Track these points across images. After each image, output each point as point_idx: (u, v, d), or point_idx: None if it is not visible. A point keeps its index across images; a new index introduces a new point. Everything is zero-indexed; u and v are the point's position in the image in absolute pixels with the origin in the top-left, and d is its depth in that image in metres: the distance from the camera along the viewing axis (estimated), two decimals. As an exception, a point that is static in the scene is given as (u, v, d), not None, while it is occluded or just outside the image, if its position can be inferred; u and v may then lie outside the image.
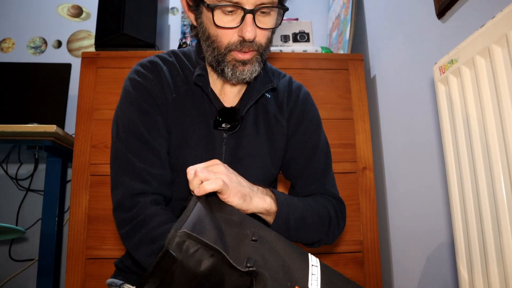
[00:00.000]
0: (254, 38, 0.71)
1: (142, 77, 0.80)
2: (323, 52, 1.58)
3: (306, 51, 1.56)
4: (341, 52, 1.64)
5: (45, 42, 2.04)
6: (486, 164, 0.66)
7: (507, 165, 0.60)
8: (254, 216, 0.71)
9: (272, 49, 1.56)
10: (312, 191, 0.87)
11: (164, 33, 1.83)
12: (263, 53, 0.76)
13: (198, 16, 0.76)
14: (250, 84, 0.84)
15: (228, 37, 0.72)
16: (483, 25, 0.66)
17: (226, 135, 0.81)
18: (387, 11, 1.44)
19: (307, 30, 1.63)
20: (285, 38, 1.62)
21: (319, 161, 0.88)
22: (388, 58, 1.43)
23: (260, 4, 0.69)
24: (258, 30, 0.72)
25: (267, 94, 0.87)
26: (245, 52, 0.73)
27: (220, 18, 0.71)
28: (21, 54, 2.00)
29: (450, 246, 1.00)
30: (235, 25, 0.71)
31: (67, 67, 1.82)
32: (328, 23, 1.98)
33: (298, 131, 0.88)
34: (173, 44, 2.01)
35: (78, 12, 2.10)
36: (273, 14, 0.73)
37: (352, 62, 1.51)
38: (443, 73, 0.78)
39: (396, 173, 1.36)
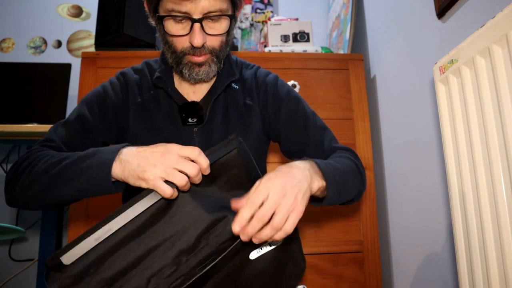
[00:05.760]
0: (204, 44, 0.77)
1: (105, 91, 0.89)
2: (323, 52, 1.58)
3: (306, 51, 1.56)
4: (341, 52, 1.64)
5: (45, 42, 2.04)
6: (486, 164, 0.66)
7: (507, 165, 0.60)
8: None
9: (272, 49, 1.56)
10: (323, 157, 0.86)
11: (164, 33, 1.83)
12: (219, 55, 0.82)
13: (157, 22, 0.81)
14: (216, 79, 0.89)
15: (181, 43, 0.79)
16: (483, 25, 0.66)
17: (196, 129, 0.85)
18: (387, 11, 1.44)
19: (307, 30, 1.62)
20: (285, 38, 1.62)
21: (316, 128, 0.91)
22: (388, 58, 1.43)
23: (208, 13, 0.74)
24: (208, 36, 0.77)
25: (234, 86, 0.91)
26: (198, 56, 0.79)
27: (173, 26, 0.77)
28: (21, 54, 2.00)
29: (450, 246, 1.00)
30: (185, 33, 0.77)
31: (67, 67, 1.81)
32: (328, 23, 1.98)
33: (281, 113, 0.91)
34: (173, 44, 2.01)
35: (78, 12, 2.10)
36: (224, 20, 0.78)
37: (352, 62, 1.51)
38: (443, 73, 0.78)
39: (396, 173, 1.36)
